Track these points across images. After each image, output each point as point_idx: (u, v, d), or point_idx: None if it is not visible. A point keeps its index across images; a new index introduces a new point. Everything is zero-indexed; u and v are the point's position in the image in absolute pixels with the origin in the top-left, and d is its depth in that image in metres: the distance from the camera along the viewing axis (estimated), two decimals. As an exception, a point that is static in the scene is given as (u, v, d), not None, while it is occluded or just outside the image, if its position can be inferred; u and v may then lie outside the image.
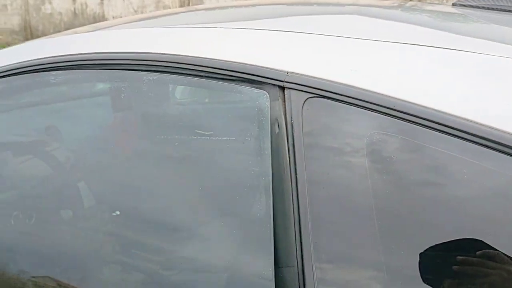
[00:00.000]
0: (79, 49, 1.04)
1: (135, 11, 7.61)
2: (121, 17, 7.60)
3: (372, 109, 0.75)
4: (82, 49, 1.03)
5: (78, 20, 7.98)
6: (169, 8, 7.36)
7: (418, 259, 0.73)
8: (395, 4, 1.42)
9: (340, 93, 0.78)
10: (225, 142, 0.91)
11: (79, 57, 1.02)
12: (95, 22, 7.72)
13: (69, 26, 7.96)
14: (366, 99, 0.76)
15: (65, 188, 1.11)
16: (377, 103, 0.75)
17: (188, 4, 7.24)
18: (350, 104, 0.77)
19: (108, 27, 1.27)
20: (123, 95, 1.38)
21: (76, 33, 1.23)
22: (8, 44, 8.27)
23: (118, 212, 1.07)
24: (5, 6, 8.33)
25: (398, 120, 0.74)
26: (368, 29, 1.03)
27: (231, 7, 1.42)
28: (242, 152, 0.84)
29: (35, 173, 1.13)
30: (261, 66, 0.85)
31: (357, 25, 1.09)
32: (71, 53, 1.04)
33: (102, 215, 1.09)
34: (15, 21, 8.36)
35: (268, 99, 0.83)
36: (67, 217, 1.10)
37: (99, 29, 1.26)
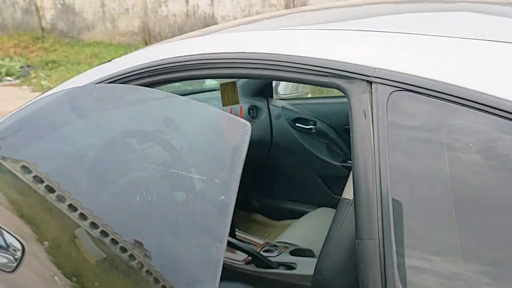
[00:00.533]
0: (195, 50, 1.19)
1: (243, 10, 7.90)
2: (229, 16, 7.93)
3: (452, 101, 0.81)
4: (198, 50, 1.19)
5: (190, 20, 8.44)
6: (275, 6, 7.56)
7: (494, 248, 0.78)
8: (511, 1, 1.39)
9: (422, 86, 0.85)
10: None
11: (194, 57, 1.18)
12: (205, 22, 8.13)
13: (182, 26, 8.46)
14: (447, 92, 0.82)
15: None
16: (457, 96, 0.81)
17: (294, 2, 7.37)
18: (432, 96, 0.84)
19: (219, 30, 1.42)
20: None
21: (189, 37, 1.39)
22: (129, 45, 8.99)
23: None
24: (127, 10, 9.08)
25: (477, 112, 0.79)
26: (467, 26, 1.06)
27: (332, 8, 1.50)
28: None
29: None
30: (351, 63, 0.94)
31: (457, 22, 1.11)
32: (186, 54, 1.20)
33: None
34: (135, 23, 9.08)
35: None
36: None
37: (209, 33, 1.41)
